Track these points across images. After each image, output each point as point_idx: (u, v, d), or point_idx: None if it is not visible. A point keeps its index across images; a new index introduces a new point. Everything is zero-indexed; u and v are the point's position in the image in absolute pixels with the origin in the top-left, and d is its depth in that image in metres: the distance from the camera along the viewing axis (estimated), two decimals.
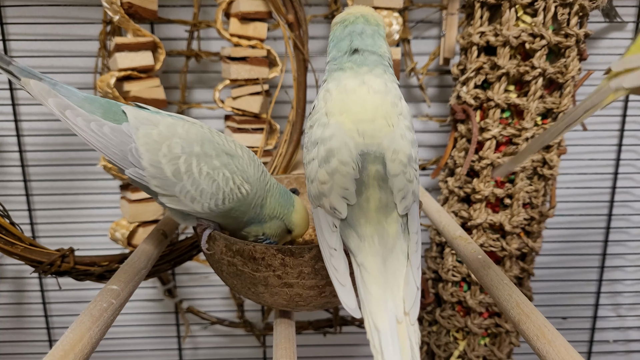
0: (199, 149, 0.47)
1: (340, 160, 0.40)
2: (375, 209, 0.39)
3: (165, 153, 0.46)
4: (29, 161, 0.92)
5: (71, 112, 0.45)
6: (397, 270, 0.38)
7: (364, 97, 0.42)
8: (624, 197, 1.00)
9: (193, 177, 0.46)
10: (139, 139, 0.46)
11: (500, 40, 0.71)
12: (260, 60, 0.75)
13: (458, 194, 0.79)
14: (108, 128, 0.45)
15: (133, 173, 0.46)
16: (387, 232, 0.39)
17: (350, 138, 0.40)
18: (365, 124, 0.41)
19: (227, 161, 0.48)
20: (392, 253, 0.38)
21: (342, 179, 0.39)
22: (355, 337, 1.07)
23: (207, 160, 0.47)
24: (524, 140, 0.73)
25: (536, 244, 0.78)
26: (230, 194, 0.47)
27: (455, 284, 0.82)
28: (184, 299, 1.01)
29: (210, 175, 0.46)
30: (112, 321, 0.42)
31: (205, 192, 0.46)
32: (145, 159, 0.45)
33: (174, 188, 0.46)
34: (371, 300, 0.36)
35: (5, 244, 0.66)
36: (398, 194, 0.40)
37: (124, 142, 0.46)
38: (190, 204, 0.47)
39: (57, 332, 1.03)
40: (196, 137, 0.47)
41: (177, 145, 0.46)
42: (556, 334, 0.40)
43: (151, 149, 0.46)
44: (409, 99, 0.94)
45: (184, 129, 0.47)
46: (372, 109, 0.41)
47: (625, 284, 1.06)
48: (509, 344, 0.83)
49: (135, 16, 0.71)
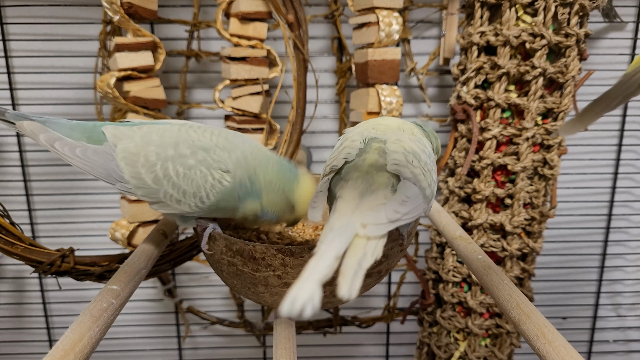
0: (173, 151, 0.48)
1: (351, 139, 0.45)
2: (368, 165, 0.41)
3: (143, 163, 0.48)
4: (29, 161, 0.92)
5: (59, 143, 0.48)
6: (371, 202, 0.37)
7: (389, 117, 0.49)
8: (624, 197, 1.00)
9: (172, 180, 0.47)
10: (118, 155, 0.48)
11: (501, 40, 0.71)
12: (260, 60, 0.75)
13: (458, 194, 0.79)
14: (91, 151, 0.48)
15: (120, 188, 0.49)
16: (373, 178, 0.40)
17: (365, 130, 0.46)
18: (381, 125, 0.47)
19: (202, 157, 0.48)
20: (372, 192, 0.39)
21: (348, 148, 0.44)
22: (355, 337, 1.07)
23: (182, 160, 0.47)
24: (524, 140, 0.73)
25: (537, 244, 0.78)
26: (212, 189, 0.48)
27: (455, 284, 0.82)
28: (184, 299, 1.01)
29: (188, 175, 0.47)
30: (112, 321, 0.42)
31: (187, 192, 0.47)
32: (126, 172, 0.48)
33: (158, 194, 0.48)
34: (334, 215, 0.37)
35: (5, 244, 0.66)
36: (391, 160, 0.41)
37: (107, 161, 0.48)
38: (177, 206, 0.48)
39: (57, 332, 1.03)
40: (170, 140, 0.48)
41: (152, 153, 0.48)
42: (556, 334, 0.39)
43: (130, 162, 0.48)
44: (409, 99, 0.94)
45: (158, 134, 0.49)
46: (392, 120, 0.48)
47: (625, 284, 1.06)
48: (510, 344, 0.83)
49: (135, 16, 0.71)
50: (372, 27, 0.74)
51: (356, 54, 0.79)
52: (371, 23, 0.74)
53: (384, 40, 0.74)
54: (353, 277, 0.31)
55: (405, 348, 1.08)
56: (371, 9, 0.74)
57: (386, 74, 0.76)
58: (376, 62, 0.75)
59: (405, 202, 0.38)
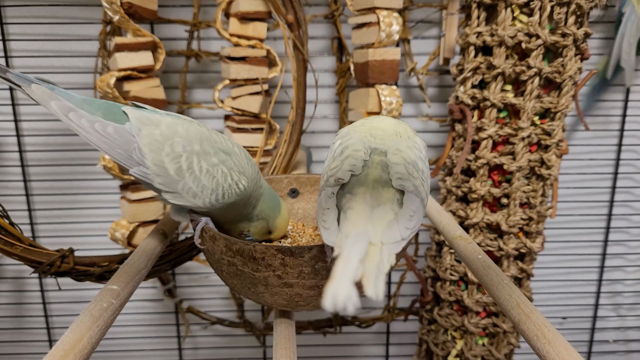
0: (199, 147, 0.49)
1: (354, 149, 0.44)
2: (373, 180, 0.42)
3: (168, 152, 0.47)
4: (29, 161, 0.92)
5: (74, 114, 0.46)
6: (382, 216, 0.39)
7: (382, 118, 0.49)
8: (624, 197, 1.00)
9: (194, 174, 0.48)
10: (142, 139, 0.47)
11: (496, 40, 0.71)
12: (259, 60, 0.75)
13: (456, 193, 0.79)
14: (112, 128, 0.47)
15: (137, 172, 0.48)
16: (380, 193, 0.41)
17: (364, 137, 0.45)
18: (378, 130, 0.46)
19: (224, 158, 0.50)
20: (381, 205, 0.40)
21: (352, 159, 0.43)
22: (355, 337, 1.07)
23: (207, 157, 0.48)
24: (520, 140, 0.73)
25: (535, 244, 0.78)
26: (229, 189, 0.49)
27: (453, 282, 0.82)
28: (184, 299, 1.01)
29: (210, 172, 0.48)
30: (112, 321, 0.42)
31: (206, 188, 0.48)
32: (149, 158, 0.47)
33: (177, 185, 0.48)
34: (348, 224, 0.38)
35: (5, 244, 0.66)
36: (394, 174, 0.42)
37: (128, 142, 0.47)
38: (193, 199, 0.49)
39: (57, 332, 1.03)
40: (195, 135, 0.49)
41: (179, 144, 0.48)
42: (556, 334, 0.40)
43: (154, 149, 0.47)
44: (409, 99, 0.94)
45: (183, 127, 0.49)
46: (388, 123, 0.47)
47: (625, 284, 1.06)
48: (508, 344, 0.83)
49: (135, 16, 0.71)
50: (372, 27, 0.74)
51: (355, 54, 0.79)
52: (371, 23, 0.74)
53: (384, 40, 0.74)
54: (375, 280, 0.33)
55: (405, 348, 1.08)
56: (371, 9, 0.74)
57: (386, 74, 0.76)
58: (376, 62, 0.75)
59: (412, 217, 0.40)
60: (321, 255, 0.44)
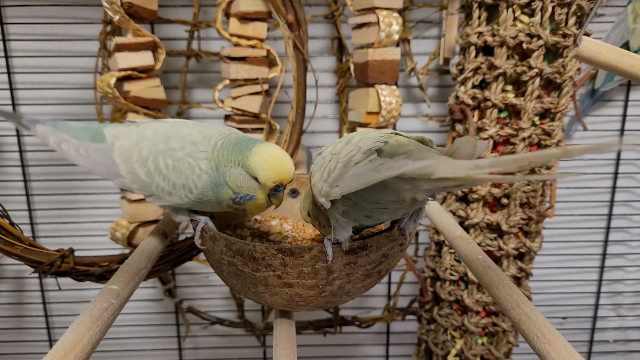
0: (164, 145, 0.50)
1: (362, 134, 0.44)
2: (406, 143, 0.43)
3: (136, 158, 0.50)
4: (29, 161, 0.92)
5: (65, 144, 0.52)
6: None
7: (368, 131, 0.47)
8: (625, 196, 1.00)
9: (162, 173, 0.49)
10: (114, 152, 0.51)
11: (498, 40, 0.71)
12: (259, 60, 0.75)
13: (456, 193, 0.79)
14: (93, 149, 0.51)
15: (118, 183, 0.52)
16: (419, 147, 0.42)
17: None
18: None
19: (190, 149, 0.49)
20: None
21: (371, 138, 0.42)
22: (355, 337, 1.07)
23: (172, 154, 0.49)
24: (520, 140, 0.73)
25: (534, 244, 0.78)
26: (198, 180, 0.49)
27: (452, 282, 0.82)
28: (184, 299, 1.01)
29: (177, 168, 0.49)
30: (112, 321, 0.42)
31: (177, 184, 0.49)
32: (122, 168, 0.50)
33: (151, 187, 0.50)
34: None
35: (5, 244, 0.66)
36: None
37: (106, 158, 0.51)
38: (169, 198, 0.50)
39: (57, 332, 1.03)
40: (162, 135, 0.50)
41: (145, 148, 0.50)
42: (556, 334, 0.40)
43: (125, 159, 0.50)
44: (409, 99, 0.94)
45: (152, 130, 0.51)
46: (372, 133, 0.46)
47: (625, 284, 1.06)
48: (507, 343, 0.83)
49: (135, 16, 0.71)
50: (372, 27, 0.74)
51: (355, 53, 0.79)
52: (371, 23, 0.74)
53: (384, 40, 0.74)
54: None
55: (405, 348, 1.08)
56: (371, 9, 0.74)
57: (386, 74, 0.76)
58: (376, 62, 0.75)
59: None
60: (321, 255, 0.44)
